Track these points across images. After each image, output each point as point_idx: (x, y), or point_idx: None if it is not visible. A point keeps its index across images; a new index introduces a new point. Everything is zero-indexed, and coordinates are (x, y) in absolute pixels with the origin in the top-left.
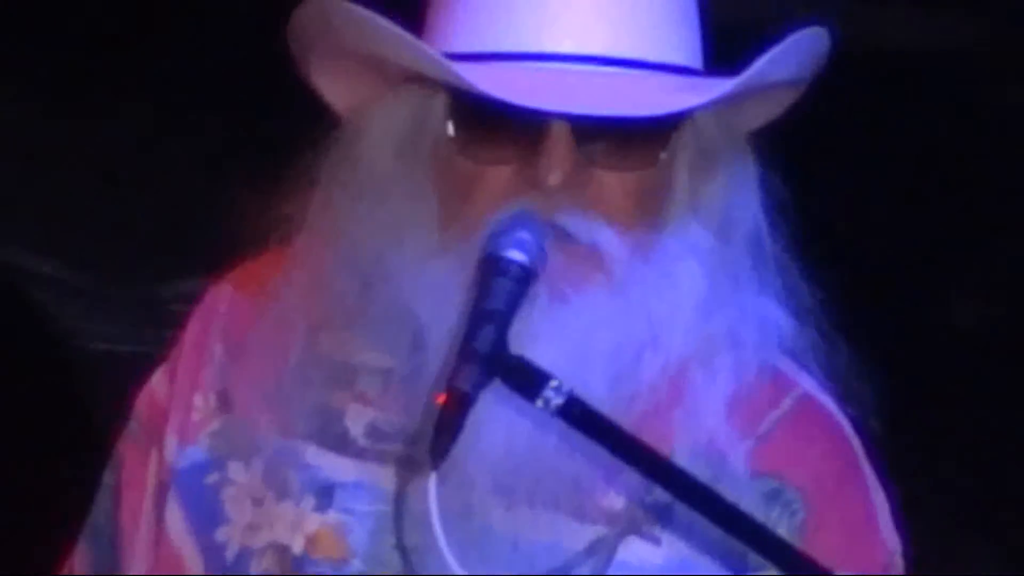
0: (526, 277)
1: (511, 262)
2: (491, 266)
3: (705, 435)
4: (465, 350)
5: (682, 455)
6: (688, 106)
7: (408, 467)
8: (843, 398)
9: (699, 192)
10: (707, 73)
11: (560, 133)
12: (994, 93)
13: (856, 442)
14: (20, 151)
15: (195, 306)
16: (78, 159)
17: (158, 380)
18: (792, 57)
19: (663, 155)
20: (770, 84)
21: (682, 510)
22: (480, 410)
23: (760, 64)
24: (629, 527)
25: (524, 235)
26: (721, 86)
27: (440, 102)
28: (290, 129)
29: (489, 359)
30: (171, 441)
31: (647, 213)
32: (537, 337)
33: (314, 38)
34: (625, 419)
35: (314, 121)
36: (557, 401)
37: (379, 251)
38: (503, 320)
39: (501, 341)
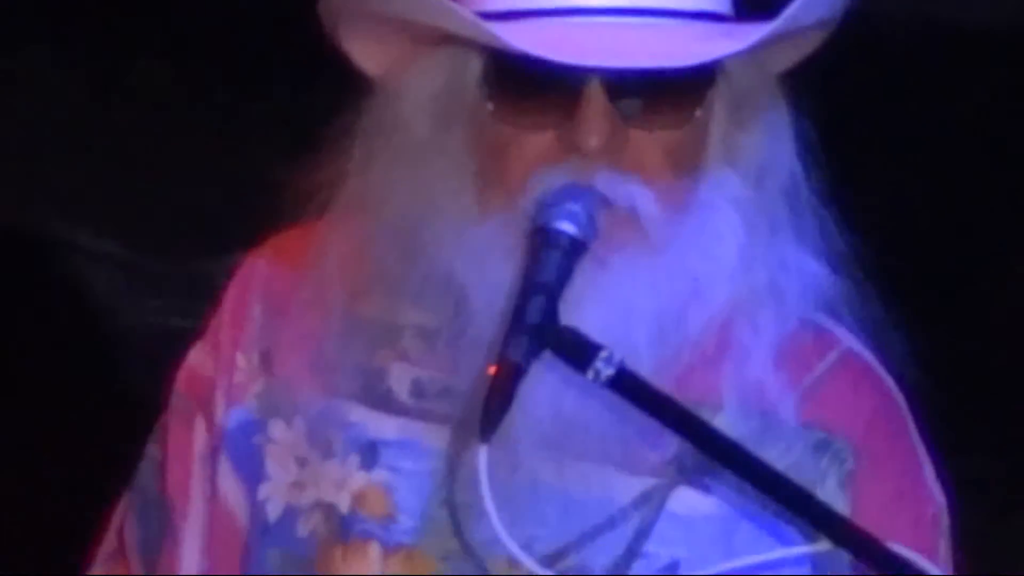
0: (576, 249)
1: (561, 233)
2: (542, 238)
3: (753, 386)
4: (516, 321)
5: (731, 407)
6: (726, 53)
7: (458, 429)
8: (877, 348)
9: (734, 141)
10: (738, 19)
11: (596, 95)
12: None
13: (900, 398)
14: (70, 131)
15: (232, 272)
16: (125, 138)
17: (196, 354)
18: None
19: (699, 112)
20: (804, 26)
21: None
22: (528, 379)
23: (795, 7)
24: (679, 477)
25: (574, 207)
26: (756, 31)
27: (475, 65)
28: (329, 98)
29: (540, 330)
30: (219, 403)
31: (684, 170)
32: (580, 301)
33: (343, 4)
34: (671, 373)
35: (351, 88)
36: (608, 372)
37: (418, 216)
38: (553, 292)
39: (552, 313)
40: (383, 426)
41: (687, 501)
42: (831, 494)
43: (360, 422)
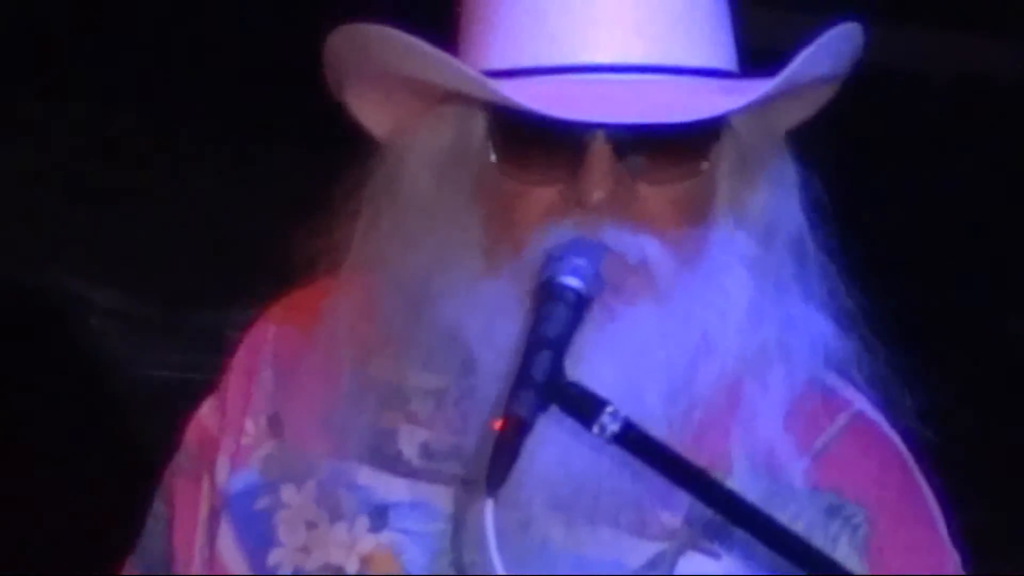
0: (582, 303)
1: (567, 288)
2: (547, 292)
3: (763, 448)
4: (522, 376)
5: (741, 469)
6: (728, 109)
7: (466, 488)
8: (887, 405)
9: (741, 198)
10: (743, 76)
11: (601, 149)
12: None
13: (910, 458)
14: (78, 183)
15: (243, 335)
16: (135, 190)
17: (206, 410)
18: (828, 54)
19: (705, 165)
20: (807, 82)
21: None
22: (535, 433)
23: (799, 61)
24: (688, 542)
25: (580, 261)
26: (760, 87)
27: (480, 122)
28: (338, 156)
29: (546, 386)
30: (222, 466)
31: (691, 224)
32: (589, 358)
33: (350, 63)
34: (683, 433)
35: (360, 146)
36: (613, 428)
37: (426, 274)
38: (559, 347)
39: (558, 368)
40: (392, 488)
41: (696, 566)
42: (843, 559)
43: (369, 484)
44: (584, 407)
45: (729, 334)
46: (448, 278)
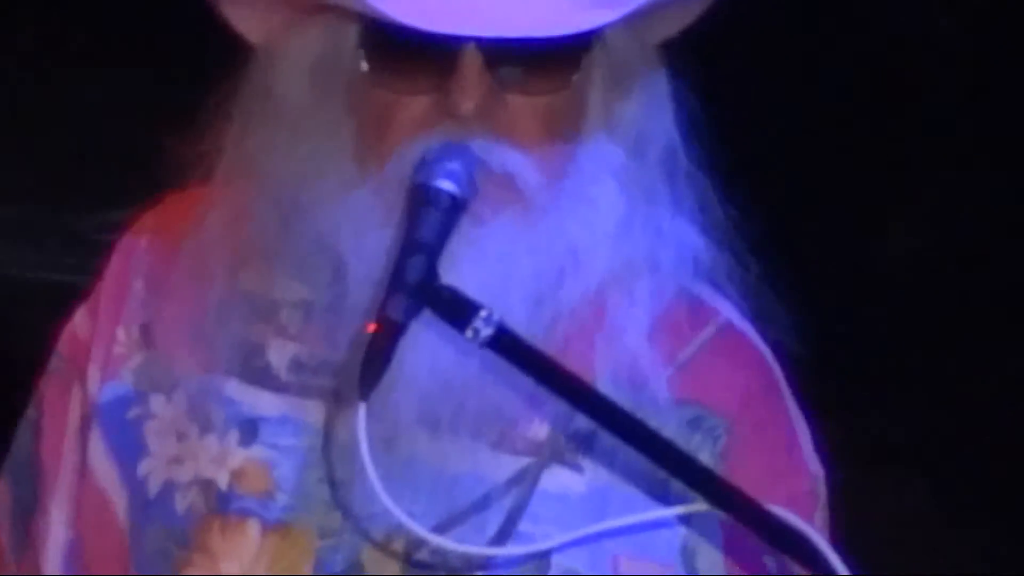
0: (455, 207)
1: (441, 192)
2: (421, 196)
3: (627, 360)
4: (395, 280)
5: (604, 380)
6: (600, 23)
7: (336, 399)
8: (758, 317)
9: (613, 110)
10: None
11: (471, 60)
12: (928, 21)
13: (777, 370)
14: None
15: (115, 242)
16: (6, 94)
17: (80, 318)
18: None
19: (575, 77)
20: None
21: (605, 438)
22: (405, 340)
23: None
24: (552, 456)
25: (454, 165)
26: (632, 0)
27: (352, 31)
28: (213, 63)
29: (419, 289)
30: (94, 375)
31: (562, 136)
32: (457, 264)
33: None
34: (548, 344)
35: (236, 54)
36: (487, 331)
37: (296, 184)
38: (433, 250)
39: (431, 271)
40: (262, 402)
41: (560, 480)
42: None
43: (239, 398)
44: (458, 310)
45: (597, 247)
46: (319, 187)
